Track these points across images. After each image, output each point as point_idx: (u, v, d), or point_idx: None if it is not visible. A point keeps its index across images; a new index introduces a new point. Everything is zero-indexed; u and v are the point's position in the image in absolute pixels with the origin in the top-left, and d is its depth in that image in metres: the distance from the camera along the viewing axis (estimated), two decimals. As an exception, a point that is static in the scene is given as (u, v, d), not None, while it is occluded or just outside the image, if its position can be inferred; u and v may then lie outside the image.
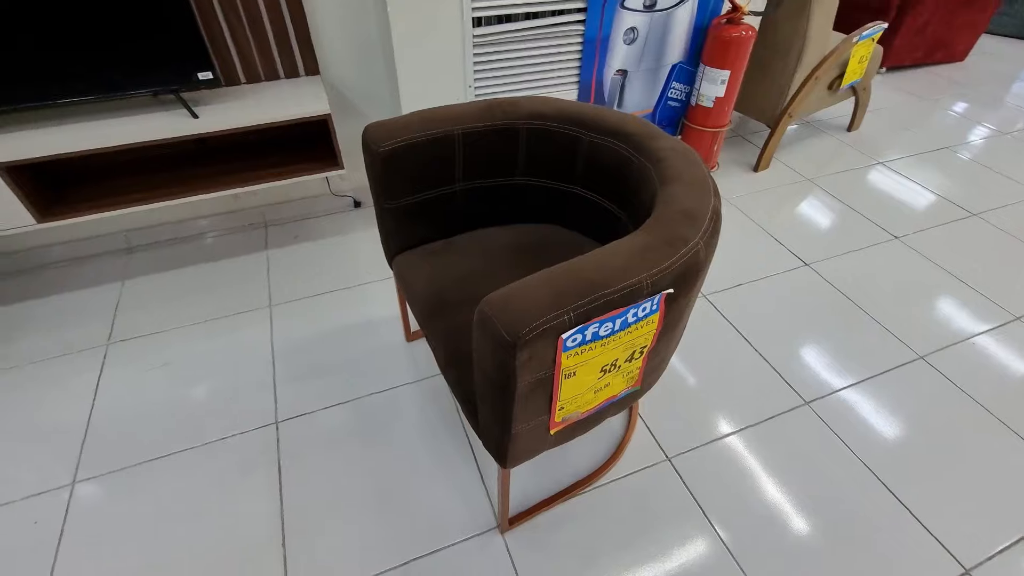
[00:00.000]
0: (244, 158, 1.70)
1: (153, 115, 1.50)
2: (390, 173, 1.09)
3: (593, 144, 1.12)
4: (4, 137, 1.37)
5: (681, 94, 2.06)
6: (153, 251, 1.89)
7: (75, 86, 1.36)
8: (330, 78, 1.77)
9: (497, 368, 0.71)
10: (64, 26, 1.28)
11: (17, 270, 1.80)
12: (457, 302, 1.06)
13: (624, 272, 0.72)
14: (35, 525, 1.15)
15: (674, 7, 1.79)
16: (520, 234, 1.25)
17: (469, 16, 1.55)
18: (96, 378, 1.46)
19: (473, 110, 1.13)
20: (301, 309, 1.67)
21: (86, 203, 1.51)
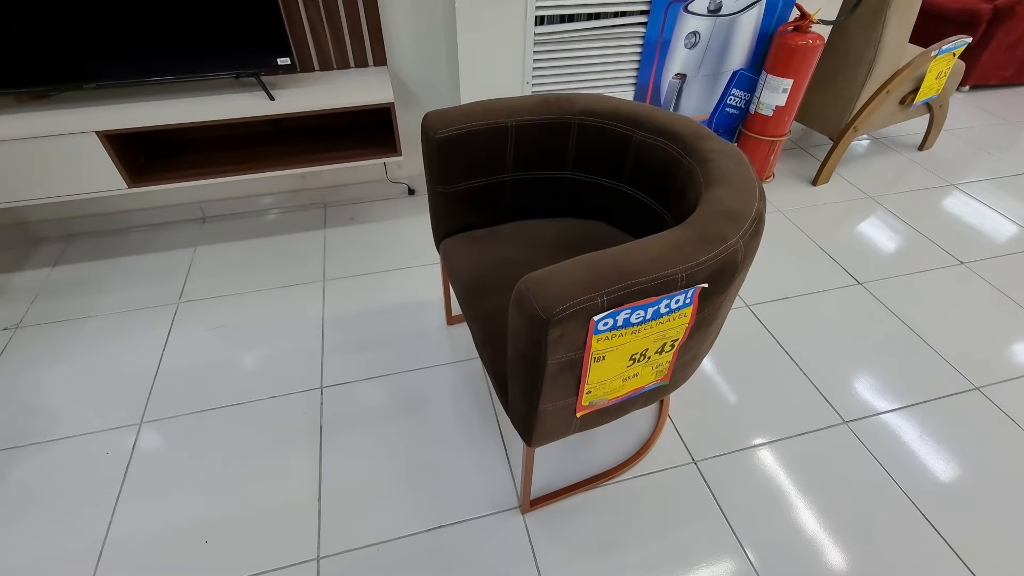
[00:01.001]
0: (312, 140, 1.81)
1: (235, 95, 1.62)
2: (445, 159, 1.15)
3: (643, 143, 1.14)
4: (105, 108, 1.53)
5: (740, 101, 2.03)
6: (223, 222, 2.04)
7: (170, 66, 1.50)
8: (395, 69, 1.86)
9: (530, 344, 0.75)
10: (164, 14, 1.42)
11: (109, 230, 1.99)
12: (496, 286, 1.10)
13: (659, 263, 0.74)
14: (107, 456, 1.28)
15: (739, 12, 1.77)
16: (564, 227, 1.29)
17: (532, 15, 1.59)
18: (167, 332, 1.60)
19: (529, 103, 1.17)
20: (351, 286, 1.77)
21: (171, 172, 1.65)
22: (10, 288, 1.74)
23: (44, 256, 1.87)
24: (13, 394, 1.42)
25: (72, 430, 1.34)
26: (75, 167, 1.50)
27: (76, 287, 1.75)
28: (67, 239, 1.94)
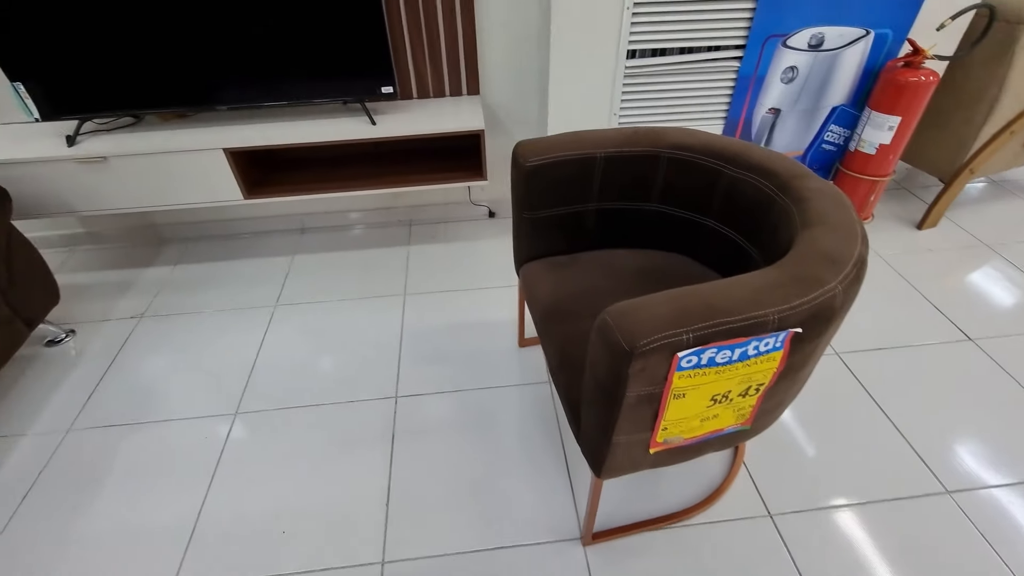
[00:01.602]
0: (405, 161, 1.92)
1: (341, 120, 1.77)
2: (533, 186, 1.19)
3: (734, 179, 1.12)
4: (232, 128, 1.72)
5: (839, 138, 1.94)
6: (319, 234, 2.21)
7: (289, 93, 1.67)
8: (487, 97, 1.95)
9: (609, 375, 0.75)
10: (287, 50, 1.58)
11: (222, 235, 2.21)
12: (575, 312, 1.12)
13: (750, 303, 0.72)
14: (204, 440, 1.41)
15: (843, 48, 1.71)
16: (646, 259, 1.28)
17: (624, 49, 1.62)
18: (263, 332, 1.74)
19: (618, 136, 1.19)
20: (430, 301, 1.84)
21: (280, 187, 1.82)
22: (140, 281, 1.97)
23: (168, 255, 2.11)
24: (132, 376, 1.60)
25: (177, 413, 1.48)
26: (203, 179, 1.70)
27: (192, 284, 1.95)
28: (188, 241, 2.18)
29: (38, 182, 1.63)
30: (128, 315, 1.82)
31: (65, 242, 2.16)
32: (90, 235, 2.16)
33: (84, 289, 1.94)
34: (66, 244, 2.16)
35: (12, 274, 1.50)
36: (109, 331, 1.76)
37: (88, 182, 1.65)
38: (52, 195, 1.66)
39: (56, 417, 1.48)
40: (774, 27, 1.63)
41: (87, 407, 1.51)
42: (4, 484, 1.32)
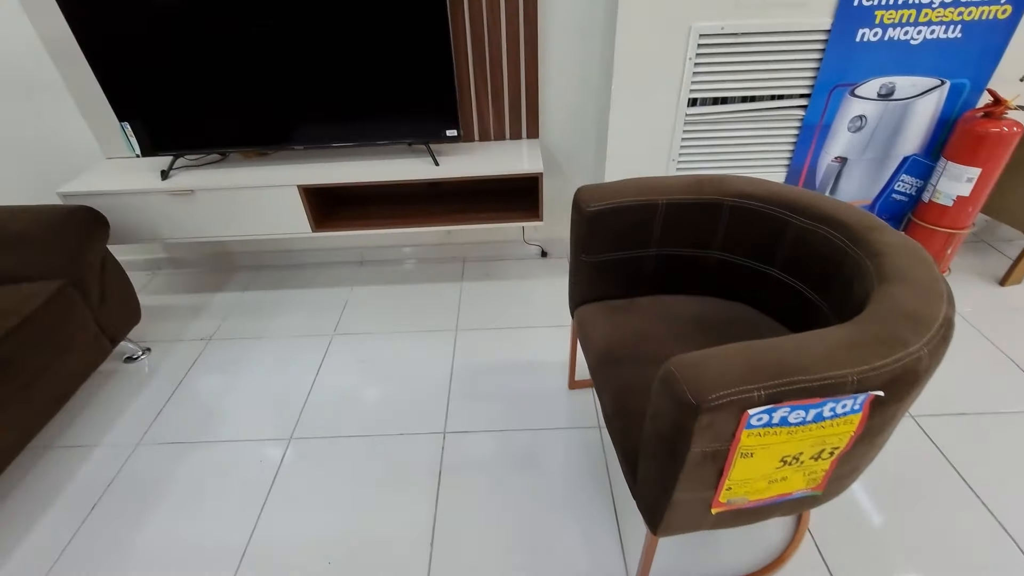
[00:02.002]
0: (462, 200, 1.99)
1: (405, 160, 1.86)
2: (593, 231, 1.20)
3: (802, 229, 1.09)
4: (306, 166, 1.83)
5: (911, 188, 1.86)
6: (377, 267, 2.29)
7: (360, 135, 1.78)
8: (544, 140, 2.00)
9: (673, 428, 0.73)
10: (361, 97, 1.69)
11: (287, 264, 2.33)
12: (632, 358, 1.10)
13: (826, 361, 0.69)
14: (260, 463, 1.45)
15: (914, 97, 1.66)
16: (705, 306, 1.26)
17: (686, 97, 1.64)
18: (320, 359, 1.80)
19: (681, 183, 1.19)
20: (481, 338, 1.86)
21: (345, 221, 1.91)
22: (211, 305, 2.09)
23: (238, 281, 2.24)
24: (197, 396, 1.68)
25: (237, 435, 1.54)
26: (277, 212, 1.81)
27: (258, 310, 2.05)
28: (256, 269, 2.31)
29: (133, 211, 1.78)
30: (198, 337, 1.93)
31: (149, 266, 2.33)
32: (171, 260, 2.32)
33: (162, 310, 2.08)
34: (149, 268, 2.33)
35: (104, 294, 1.62)
36: (180, 351, 1.86)
37: (176, 212, 1.79)
38: (144, 223, 1.81)
39: (127, 431, 1.57)
40: (841, 77, 1.61)
41: (155, 423, 1.59)
42: (76, 493, 1.40)
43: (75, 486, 1.42)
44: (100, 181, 1.79)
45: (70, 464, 1.48)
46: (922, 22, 1.52)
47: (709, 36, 1.54)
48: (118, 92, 1.67)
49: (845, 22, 1.52)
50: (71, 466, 1.47)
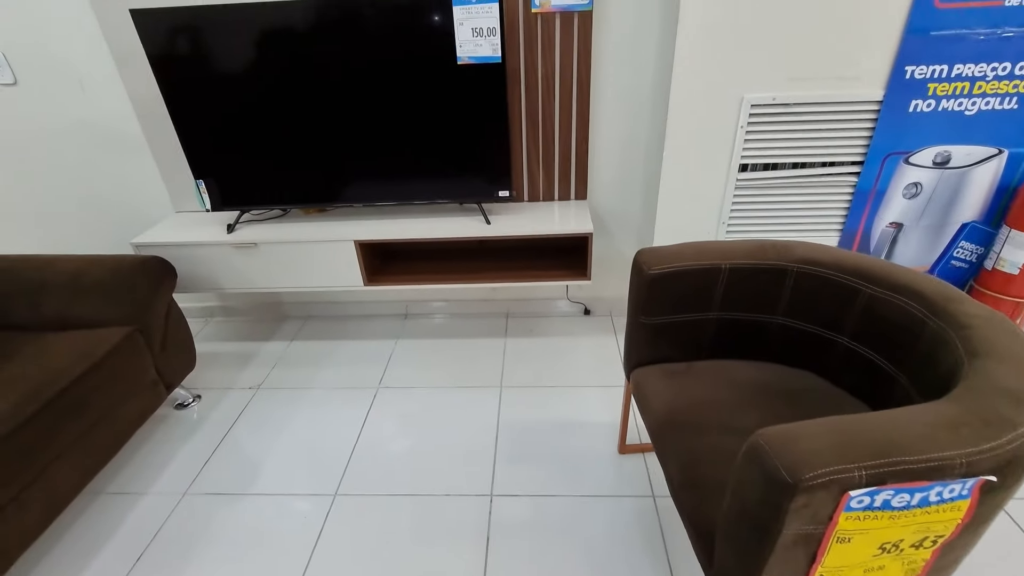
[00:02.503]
0: (509, 257, 2.02)
1: (457, 218, 1.92)
2: (654, 293, 1.20)
3: (874, 298, 1.07)
4: (363, 223, 1.90)
5: (971, 255, 1.81)
6: (421, 320, 2.32)
7: (417, 195, 1.85)
8: (592, 202, 2.04)
9: (763, 507, 0.69)
10: (420, 160, 1.78)
11: (335, 315, 2.38)
12: (698, 425, 1.06)
13: (930, 442, 0.66)
14: (304, 519, 1.43)
15: (971, 166, 1.65)
16: (768, 373, 1.22)
17: (737, 163, 1.67)
18: (365, 413, 1.80)
19: (743, 248, 1.19)
20: (526, 396, 1.83)
21: (395, 275, 1.96)
22: (260, 354, 2.14)
23: (287, 331, 2.29)
24: (243, 446, 1.69)
25: (281, 488, 1.52)
26: (333, 266, 1.87)
27: (305, 361, 2.08)
28: (305, 319, 2.36)
29: (199, 262, 1.87)
30: (247, 386, 1.96)
31: (202, 313, 2.41)
32: (224, 308, 2.40)
33: (213, 357, 2.13)
34: (203, 315, 2.41)
35: (165, 341, 1.68)
36: (229, 400, 1.89)
37: (239, 264, 1.87)
38: (208, 274, 1.89)
39: (174, 480, 1.57)
40: (894, 145, 1.62)
41: (202, 473, 1.59)
42: (123, 542, 1.39)
43: (122, 535, 1.41)
44: (171, 233, 1.89)
45: (119, 511, 1.48)
46: (976, 94, 1.54)
47: (761, 107, 1.58)
48: (196, 153, 1.80)
49: (898, 94, 1.54)
50: (120, 513, 1.47)
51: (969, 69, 1.51)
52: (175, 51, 1.63)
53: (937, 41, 1.48)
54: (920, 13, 1.44)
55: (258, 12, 1.57)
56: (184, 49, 1.63)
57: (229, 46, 1.62)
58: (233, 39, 1.61)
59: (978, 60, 1.49)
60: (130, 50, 1.78)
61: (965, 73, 1.51)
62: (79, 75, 1.86)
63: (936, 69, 1.51)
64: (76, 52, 1.82)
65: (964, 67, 1.51)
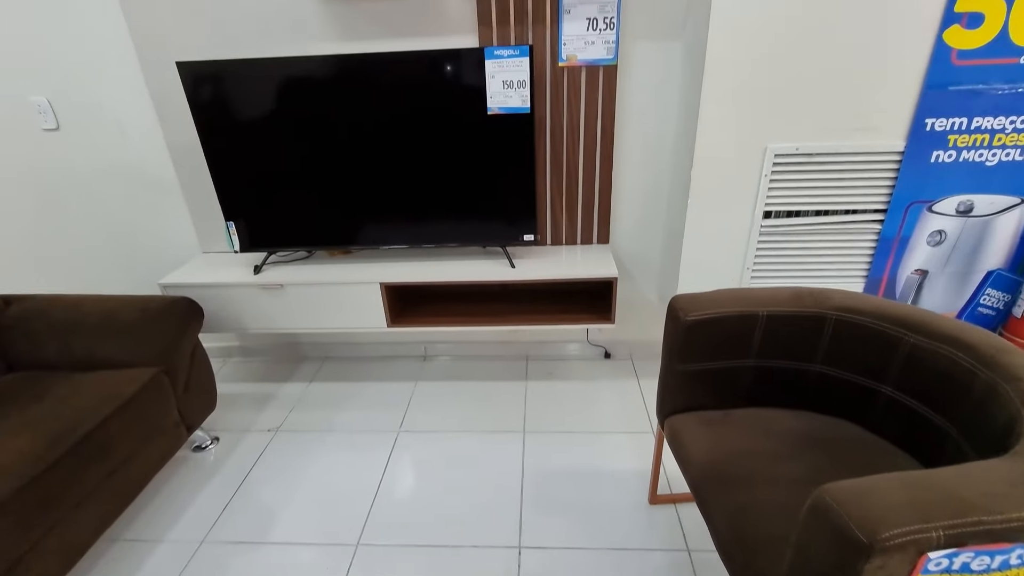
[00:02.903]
0: (530, 300, 2.02)
1: (482, 261, 1.93)
2: (690, 340, 1.19)
3: (918, 347, 1.06)
4: (388, 265, 1.92)
5: (998, 302, 1.81)
6: (440, 362, 2.30)
7: (442, 237, 1.88)
8: (614, 246, 2.06)
9: (834, 569, 0.67)
10: (446, 205, 1.81)
11: (354, 356, 2.36)
12: (744, 478, 1.03)
13: (1010, 501, 0.64)
14: (326, 570, 1.37)
15: (995, 214, 1.67)
16: (809, 423, 1.20)
17: (761, 210, 1.69)
18: (386, 458, 1.76)
19: (780, 295, 1.19)
20: (550, 442, 1.80)
21: (418, 318, 1.96)
22: (279, 395, 2.12)
23: (305, 372, 2.27)
24: (262, 493, 1.65)
25: (301, 537, 1.48)
26: (357, 308, 1.87)
27: (323, 403, 2.06)
28: (323, 360, 2.35)
29: (225, 302, 1.88)
30: (265, 428, 1.93)
31: (221, 353, 2.40)
32: (242, 348, 2.40)
33: (232, 398, 2.11)
34: (221, 355, 2.40)
35: (188, 382, 1.67)
36: (248, 442, 1.86)
37: (264, 305, 1.87)
38: (233, 314, 1.90)
39: (191, 527, 1.53)
40: (917, 194, 1.65)
41: (220, 520, 1.55)
42: (138, 593, 1.34)
43: (137, 586, 1.36)
44: (199, 274, 1.91)
45: (135, 559, 1.43)
46: (996, 146, 1.57)
47: (784, 156, 1.62)
48: (229, 195, 1.84)
49: (918, 145, 1.58)
50: (136, 561, 1.42)
51: (988, 122, 1.54)
52: (214, 100, 1.69)
53: (955, 95, 1.52)
54: (938, 69, 1.49)
55: (296, 65, 1.64)
56: (223, 98, 1.69)
57: (266, 95, 1.69)
58: (270, 89, 1.68)
59: (996, 114, 1.53)
60: (170, 99, 1.85)
61: (984, 126, 1.55)
62: (119, 121, 1.93)
63: (955, 122, 1.55)
64: (118, 100, 1.89)
65: (983, 120, 1.54)
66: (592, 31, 1.69)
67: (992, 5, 1.42)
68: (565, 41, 1.71)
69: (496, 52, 1.61)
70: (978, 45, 1.46)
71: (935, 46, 1.47)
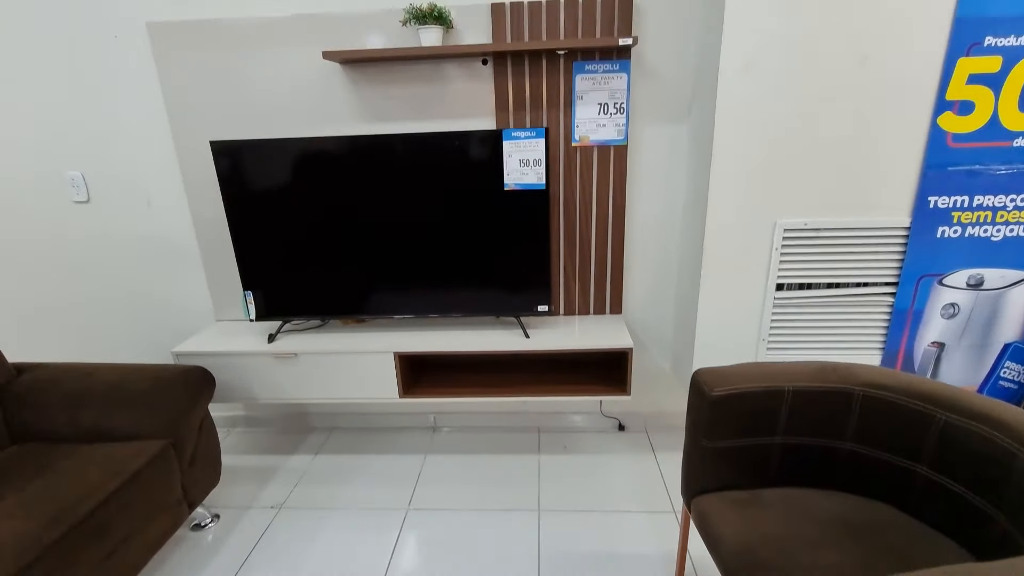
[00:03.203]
0: (543, 370, 2.00)
1: (496, 331, 1.94)
2: (716, 415, 1.17)
3: (951, 425, 1.04)
4: (400, 333, 1.92)
5: (1018, 375, 1.78)
6: (450, 434, 2.24)
7: (456, 307, 1.89)
8: (627, 316, 2.07)
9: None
10: (462, 276, 1.85)
11: (362, 427, 2.31)
12: (784, 569, 0.98)
13: (1082, 601, 0.60)
14: (330, 670, 1.27)
15: (1006, 288, 1.69)
16: (843, 505, 1.15)
17: (774, 282, 1.72)
18: (395, 539, 1.67)
19: (806, 370, 1.18)
20: (567, 522, 1.71)
21: (430, 388, 1.93)
22: (283, 468, 2.05)
23: (311, 444, 2.21)
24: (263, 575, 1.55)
25: (305, 629, 1.37)
26: (370, 378, 1.85)
27: (329, 477, 1.99)
28: (330, 431, 2.29)
29: (237, 371, 1.86)
30: (268, 504, 1.85)
31: (225, 423, 2.35)
32: (248, 418, 2.35)
33: (235, 472, 2.04)
34: (226, 424, 2.35)
35: (194, 456, 1.62)
36: (249, 520, 1.77)
37: (276, 374, 1.86)
38: (244, 384, 1.87)
39: (186, 615, 1.43)
40: (927, 268, 1.67)
41: (217, 607, 1.45)
42: None
43: None
44: (213, 342, 1.91)
45: (123, 655, 1.33)
46: (1000, 222, 1.62)
47: (793, 231, 1.66)
48: (249, 266, 1.87)
49: (924, 221, 1.63)
50: (123, 657, 1.32)
51: (989, 200, 1.60)
52: (242, 176, 1.77)
53: (955, 175, 1.59)
54: (935, 151, 1.57)
55: (322, 144, 1.73)
56: (250, 174, 1.77)
57: (292, 172, 1.76)
58: (297, 167, 1.76)
59: (996, 192, 1.59)
60: (199, 174, 1.93)
61: (986, 203, 1.60)
62: (148, 194, 2.00)
63: (957, 199, 1.61)
64: (150, 175, 1.98)
65: (983, 198, 1.60)
66: (603, 115, 1.80)
67: (981, 94, 1.51)
68: (578, 124, 1.81)
69: (514, 134, 1.70)
70: (972, 129, 1.54)
71: (931, 130, 1.55)
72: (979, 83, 1.50)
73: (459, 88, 1.81)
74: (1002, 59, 1.47)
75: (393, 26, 1.74)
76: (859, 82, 1.51)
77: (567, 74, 1.77)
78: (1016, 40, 1.45)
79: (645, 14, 1.72)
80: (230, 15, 1.78)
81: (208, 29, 1.78)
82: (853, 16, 1.46)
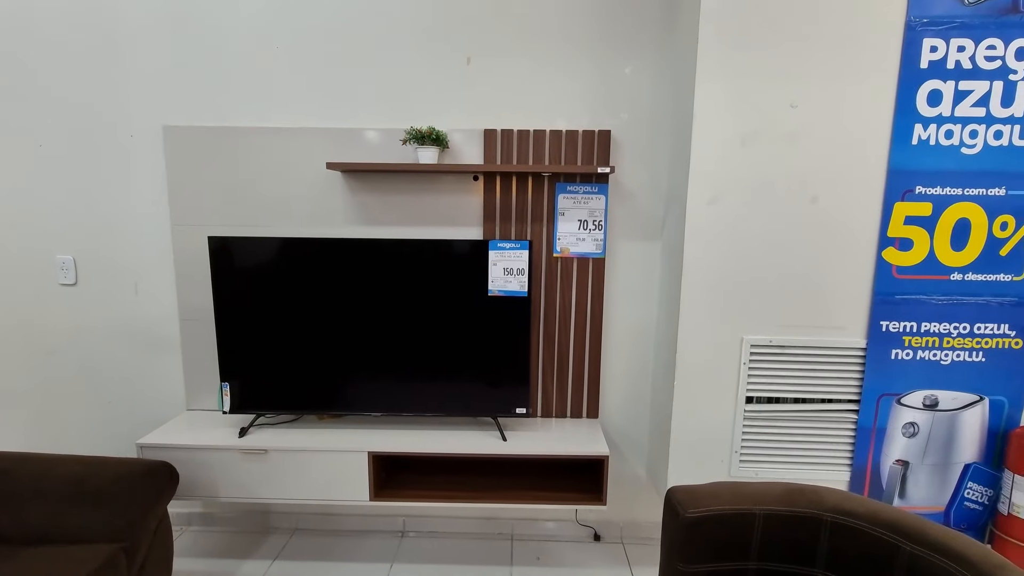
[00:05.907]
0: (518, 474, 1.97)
1: (471, 432, 1.93)
2: (692, 538, 1.17)
3: (916, 557, 1.06)
4: (374, 431, 1.90)
5: (982, 496, 1.83)
6: (419, 540, 2.14)
7: (433, 407, 1.90)
8: (603, 420, 2.09)
9: None
10: (438, 373, 1.88)
11: (325, 530, 2.19)
12: None
13: None
14: None
15: (959, 409, 1.78)
16: (820, 638, 1.13)
17: (743, 395, 1.78)
18: (353, 663, 1.55)
19: (773, 492, 1.21)
20: (538, 647, 1.62)
21: (402, 490, 1.87)
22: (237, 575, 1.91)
23: (270, 547, 2.08)
24: None
25: None
26: (340, 478, 1.80)
27: (286, 587, 1.86)
28: (292, 532, 2.17)
29: (203, 467, 1.79)
30: (216, 618, 1.71)
31: (179, 520, 2.21)
32: (204, 516, 2.21)
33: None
34: (180, 522, 2.21)
35: (146, 561, 1.52)
36: (194, 637, 1.63)
37: (243, 471, 1.79)
38: (208, 480, 1.80)
39: None
40: (886, 387, 1.77)
41: None
42: None
43: None
44: (181, 435, 1.86)
45: None
46: (947, 347, 1.74)
47: (760, 347, 1.76)
48: (229, 357, 1.88)
49: (878, 343, 1.74)
50: None
51: (935, 327, 1.73)
52: (236, 271, 1.82)
53: (902, 303, 1.73)
54: (883, 280, 1.72)
55: (318, 245, 1.82)
56: (244, 270, 1.83)
57: (287, 271, 1.83)
58: (291, 265, 1.82)
59: (940, 320, 1.73)
60: (191, 265, 1.98)
61: (932, 329, 1.74)
62: (137, 281, 2.03)
63: (907, 325, 1.74)
64: (143, 262, 2.02)
65: (930, 324, 1.74)
66: (583, 230, 1.94)
67: (918, 233, 1.69)
68: (560, 237, 1.95)
69: (499, 245, 1.81)
70: (912, 263, 1.71)
71: (877, 262, 1.71)
72: (915, 224, 1.68)
73: (450, 199, 1.95)
74: (932, 205, 1.67)
75: (393, 143, 1.90)
76: (813, 219, 1.69)
77: (551, 192, 1.93)
78: (942, 190, 1.66)
79: (622, 147, 1.92)
80: (245, 124, 1.93)
81: (221, 134, 1.92)
82: (802, 164, 1.66)
